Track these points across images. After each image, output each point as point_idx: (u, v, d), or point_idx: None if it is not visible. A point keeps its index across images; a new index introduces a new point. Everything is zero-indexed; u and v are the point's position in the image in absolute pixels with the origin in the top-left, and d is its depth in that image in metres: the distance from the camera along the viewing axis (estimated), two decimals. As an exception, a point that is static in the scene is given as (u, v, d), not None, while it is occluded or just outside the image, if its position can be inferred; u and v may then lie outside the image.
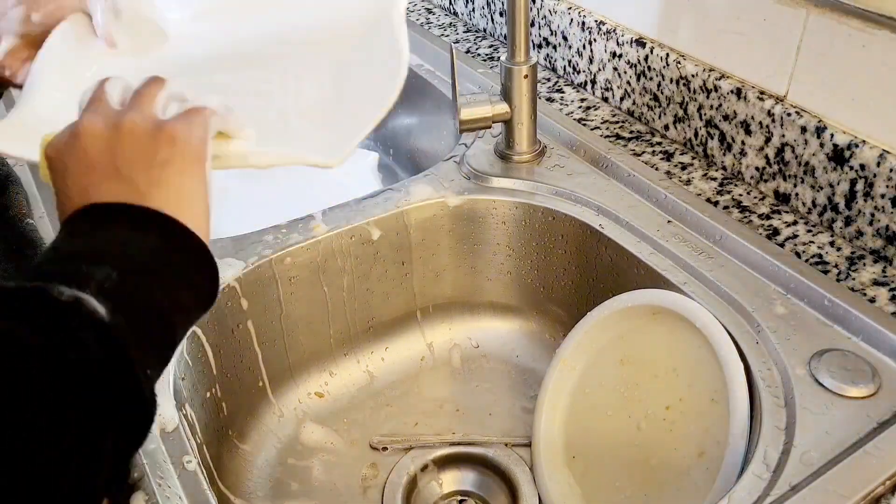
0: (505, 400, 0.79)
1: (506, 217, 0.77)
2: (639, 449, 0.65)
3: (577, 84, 0.91)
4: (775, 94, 0.70)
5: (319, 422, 0.76)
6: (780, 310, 0.61)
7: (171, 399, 0.56)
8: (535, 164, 0.79)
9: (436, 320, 0.83)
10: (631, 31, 0.82)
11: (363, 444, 0.75)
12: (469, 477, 0.73)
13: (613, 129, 0.83)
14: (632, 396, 0.66)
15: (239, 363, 0.71)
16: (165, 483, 0.50)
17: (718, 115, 0.74)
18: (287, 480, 0.71)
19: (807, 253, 0.65)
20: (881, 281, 0.62)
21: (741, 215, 0.70)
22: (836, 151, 0.65)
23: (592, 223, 0.72)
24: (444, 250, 0.79)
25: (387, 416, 0.77)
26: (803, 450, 0.51)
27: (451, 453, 0.74)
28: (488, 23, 1.05)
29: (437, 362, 0.82)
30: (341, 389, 0.79)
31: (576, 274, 0.76)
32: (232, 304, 0.68)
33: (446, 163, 0.80)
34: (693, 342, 0.60)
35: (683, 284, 0.64)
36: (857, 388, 0.54)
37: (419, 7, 1.15)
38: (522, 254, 0.79)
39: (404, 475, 0.72)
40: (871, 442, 0.50)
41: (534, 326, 0.82)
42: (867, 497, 0.48)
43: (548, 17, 0.92)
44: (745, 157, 0.73)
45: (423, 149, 1.03)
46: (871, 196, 0.63)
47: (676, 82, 0.77)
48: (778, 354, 0.57)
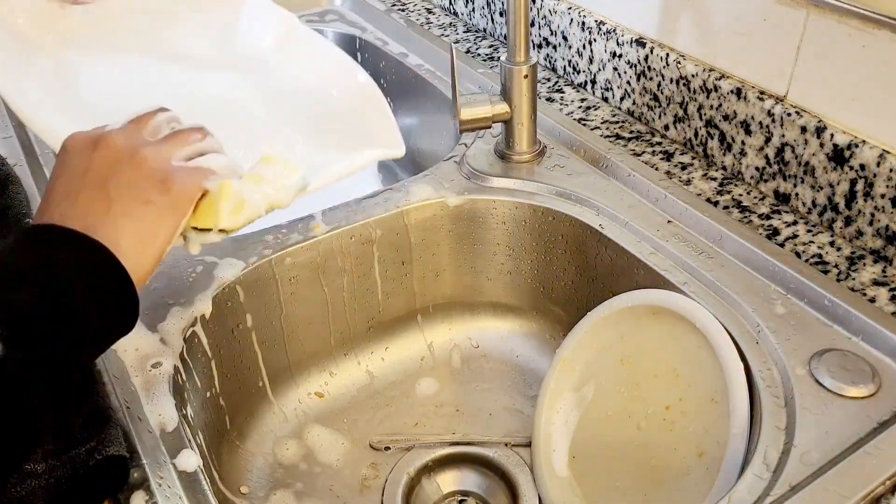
0: (505, 400, 0.79)
1: (506, 217, 0.77)
2: (639, 449, 0.65)
3: (577, 84, 0.91)
4: (775, 94, 0.70)
5: (319, 422, 0.76)
6: (780, 310, 0.61)
7: (171, 399, 0.57)
8: (535, 164, 0.79)
9: (436, 320, 0.83)
10: (631, 31, 0.82)
11: (363, 444, 0.75)
12: (469, 477, 0.73)
13: (613, 129, 0.83)
14: (632, 396, 0.66)
15: (239, 363, 0.71)
16: (165, 483, 0.50)
17: (718, 115, 0.74)
18: (287, 480, 0.71)
19: (807, 253, 0.65)
20: (881, 281, 0.62)
21: (741, 215, 0.70)
22: (836, 151, 0.65)
23: (592, 223, 0.72)
24: (444, 250, 0.79)
25: (387, 416, 0.77)
26: (803, 450, 0.51)
27: (451, 453, 0.74)
28: (488, 23, 1.05)
29: (437, 362, 0.82)
30: (341, 389, 0.79)
31: (576, 274, 0.76)
32: (232, 305, 0.68)
33: (446, 163, 0.80)
34: (693, 342, 0.60)
35: (683, 284, 0.64)
36: (857, 388, 0.54)
37: (419, 7, 1.15)
38: (522, 254, 0.79)
39: (404, 475, 0.72)
40: (871, 442, 0.50)
41: (534, 326, 0.82)
42: (867, 497, 0.48)
43: (548, 17, 0.92)
44: (745, 157, 0.73)
45: (423, 149, 1.03)
46: (871, 196, 0.63)
47: (676, 82, 0.77)
48: (778, 354, 0.57)
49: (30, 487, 0.47)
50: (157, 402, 0.56)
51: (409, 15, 1.12)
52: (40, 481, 0.48)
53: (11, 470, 0.41)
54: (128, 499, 0.49)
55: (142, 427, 0.54)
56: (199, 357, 0.65)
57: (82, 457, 0.49)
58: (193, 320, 0.63)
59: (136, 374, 0.58)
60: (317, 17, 1.15)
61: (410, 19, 1.10)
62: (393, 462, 0.73)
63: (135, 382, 0.58)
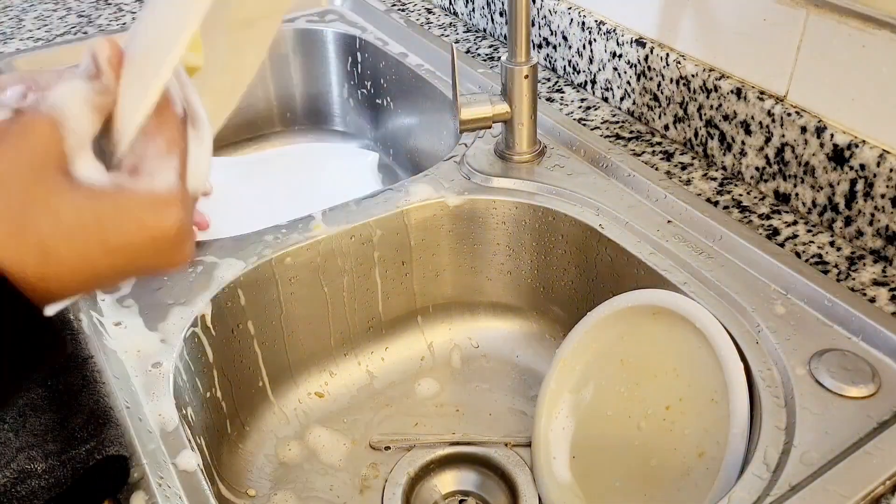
0: (505, 400, 0.79)
1: (506, 217, 0.77)
2: (639, 449, 0.65)
3: (577, 84, 0.91)
4: (775, 94, 0.70)
5: (319, 422, 0.76)
6: (779, 310, 0.61)
7: (171, 399, 0.57)
8: (535, 164, 0.79)
9: (436, 320, 0.83)
10: (631, 31, 0.82)
11: (363, 444, 0.75)
12: (469, 477, 0.73)
13: (613, 129, 0.83)
14: (632, 396, 0.66)
15: (239, 363, 0.71)
16: (165, 483, 0.50)
17: (718, 115, 0.74)
18: (287, 480, 0.71)
19: (807, 253, 0.65)
20: (881, 281, 0.62)
21: (741, 215, 0.70)
22: (836, 151, 0.65)
23: (592, 223, 0.72)
24: (444, 250, 0.79)
25: (387, 416, 0.77)
26: (803, 450, 0.51)
27: (451, 453, 0.74)
28: (488, 23, 1.05)
29: (437, 362, 0.82)
30: (341, 389, 0.79)
31: (576, 274, 0.76)
32: (232, 304, 0.68)
33: (446, 163, 0.80)
34: (693, 342, 0.60)
35: (683, 284, 0.64)
36: (857, 388, 0.54)
37: (419, 7, 1.15)
38: (522, 254, 0.79)
39: (404, 475, 0.72)
40: (871, 442, 0.50)
41: (534, 326, 0.83)
42: (867, 497, 0.48)
43: (548, 17, 0.92)
44: (745, 157, 0.73)
45: (423, 149, 1.03)
46: (871, 196, 0.63)
47: (676, 82, 0.77)
48: (778, 354, 0.57)
49: (30, 487, 0.47)
50: (157, 402, 0.56)
51: (409, 15, 1.12)
52: (40, 481, 0.48)
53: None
54: (128, 499, 0.49)
55: (142, 427, 0.54)
56: (199, 357, 0.65)
57: (82, 457, 0.49)
58: (194, 320, 0.63)
59: (136, 374, 0.58)
60: (317, 17, 1.15)
61: (410, 19, 1.10)
62: (393, 462, 0.73)
63: (135, 382, 0.58)
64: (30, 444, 0.50)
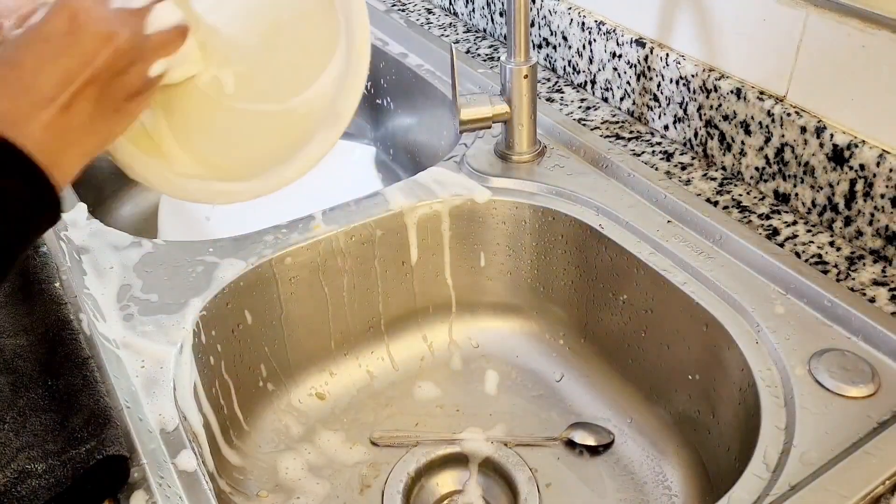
0: (505, 400, 0.79)
1: (506, 217, 0.77)
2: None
3: (576, 84, 0.91)
4: (775, 94, 0.70)
5: (319, 422, 0.76)
6: (779, 310, 0.61)
7: (171, 399, 0.57)
8: (535, 164, 0.79)
9: (436, 320, 0.83)
10: (631, 32, 0.82)
11: (363, 444, 0.75)
12: (469, 477, 0.73)
13: (613, 129, 0.83)
14: None
15: (239, 363, 0.71)
16: (165, 483, 0.50)
17: (718, 115, 0.74)
18: (287, 480, 0.71)
19: (807, 253, 0.65)
20: (881, 281, 0.62)
21: (741, 215, 0.70)
22: (835, 151, 0.65)
23: (592, 223, 0.72)
24: (443, 250, 0.79)
25: (387, 416, 0.77)
26: (803, 450, 0.51)
27: (451, 453, 0.74)
28: (488, 23, 1.05)
29: (437, 362, 0.82)
30: (341, 389, 0.79)
31: (576, 274, 0.76)
32: (232, 305, 0.68)
33: (446, 163, 0.80)
34: None
35: (683, 284, 0.64)
36: (857, 388, 0.54)
37: (419, 7, 1.15)
38: (522, 254, 0.79)
39: (404, 475, 0.72)
40: (871, 442, 0.51)
41: (534, 326, 0.83)
42: (867, 497, 0.48)
43: (548, 17, 0.92)
44: (745, 157, 0.73)
45: (423, 149, 1.03)
46: (870, 196, 0.63)
47: (676, 82, 0.77)
48: (778, 354, 0.57)
49: (30, 487, 0.47)
50: (157, 402, 0.56)
51: (409, 15, 1.12)
52: (40, 481, 0.48)
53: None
54: (128, 499, 0.49)
55: (142, 427, 0.54)
56: (200, 357, 0.65)
57: (82, 457, 0.49)
58: (194, 320, 0.64)
59: (136, 374, 0.58)
60: (317, 17, 1.14)
61: (410, 19, 1.10)
62: (393, 462, 0.73)
63: (135, 382, 0.58)
64: (30, 444, 0.50)
